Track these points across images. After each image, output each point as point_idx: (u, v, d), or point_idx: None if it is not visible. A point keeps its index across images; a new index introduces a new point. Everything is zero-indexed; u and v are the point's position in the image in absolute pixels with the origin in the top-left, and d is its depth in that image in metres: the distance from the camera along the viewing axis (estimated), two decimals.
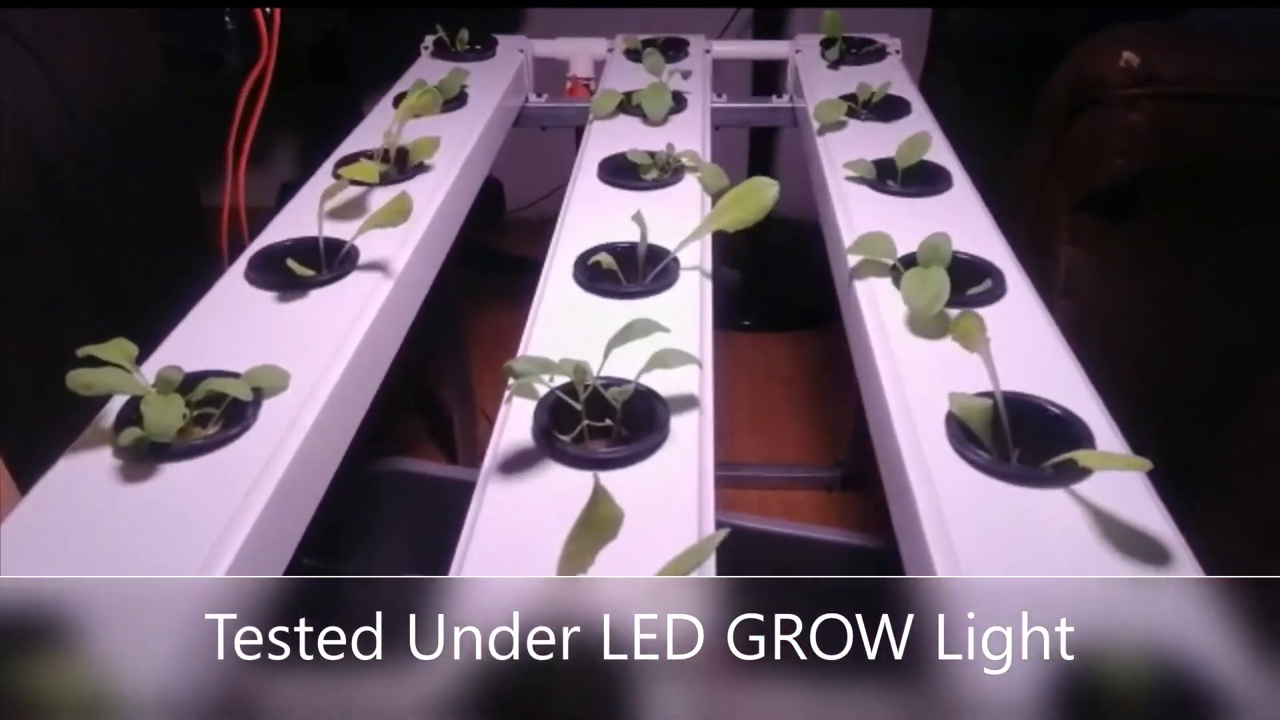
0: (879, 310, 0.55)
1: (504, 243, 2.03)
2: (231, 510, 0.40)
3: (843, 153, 0.76)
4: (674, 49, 1.03)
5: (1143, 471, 0.41)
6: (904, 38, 1.07)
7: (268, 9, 1.23)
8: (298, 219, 0.64)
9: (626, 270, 0.59)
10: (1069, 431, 0.44)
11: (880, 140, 0.79)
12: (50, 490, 0.42)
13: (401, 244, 0.62)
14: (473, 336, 1.41)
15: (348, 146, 0.77)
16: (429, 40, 1.05)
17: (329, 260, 0.58)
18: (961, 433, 0.44)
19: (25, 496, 0.41)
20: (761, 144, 1.79)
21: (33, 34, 0.79)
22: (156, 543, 0.39)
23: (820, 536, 1.02)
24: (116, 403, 0.47)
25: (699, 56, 1.03)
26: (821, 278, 0.69)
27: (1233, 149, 0.91)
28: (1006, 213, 0.70)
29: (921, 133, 0.70)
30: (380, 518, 1.06)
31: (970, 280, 0.57)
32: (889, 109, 0.84)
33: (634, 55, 1.01)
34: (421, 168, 0.73)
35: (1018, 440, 0.43)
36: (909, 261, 0.56)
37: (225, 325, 0.53)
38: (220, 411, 0.45)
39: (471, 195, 0.81)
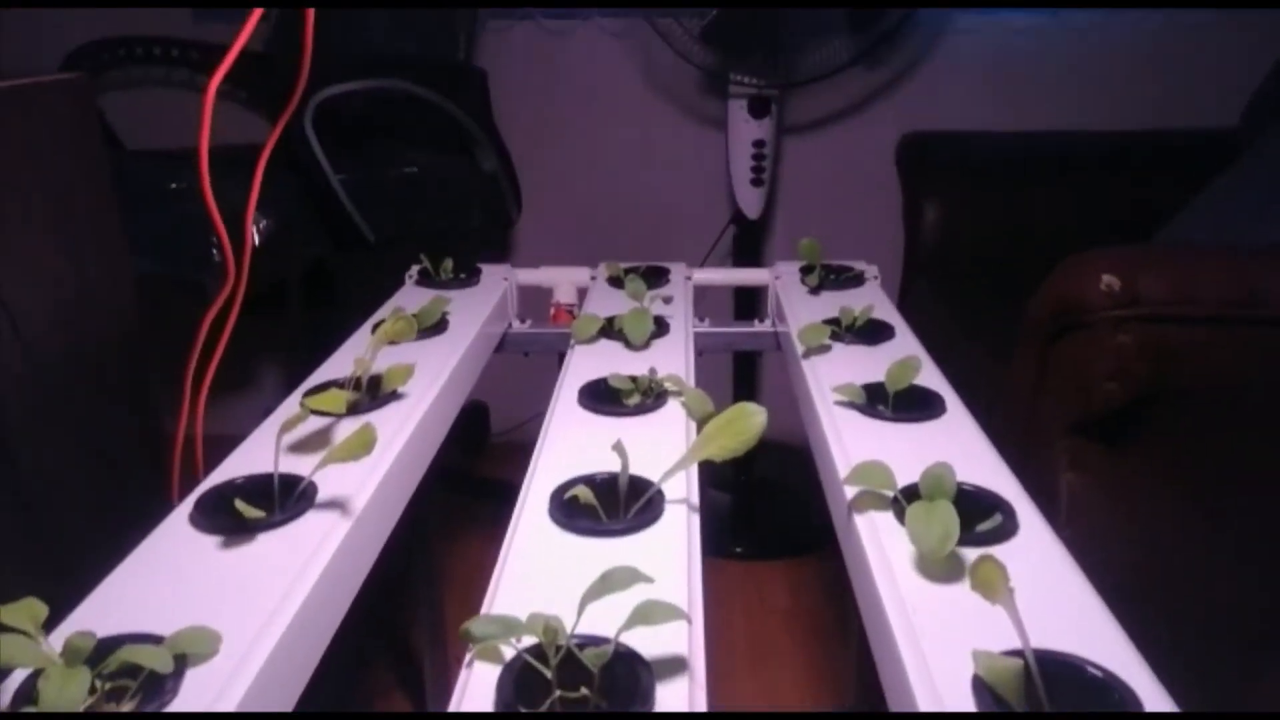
0: (883, 548, 0.50)
1: (489, 468, 1.99)
2: None
3: (829, 376, 0.74)
4: (656, 276, 1.03)
5: None
6: (879, 260, 1.09)
7: (257, 239, 1.25)
8: (256, 454, 0.60)
9: (607, 504, 0.54)
10: (1113, 697, 0.38)
11: (866, 363, 0.77)
12: None
13: (365, 479, 0.57)
14: (449, 571, 1.33)
15: (319, 375, 0.75)
16: (414, 269, 1.05)
17: (283, 499, 0.54)
18: (991, 698, 0.38)
19: None
20: (745, 368, 1.80)
21: None
22: None
23: None
24: (20, 674, 0.40)
25: (680, 284, 1.03)
26: (815, 501, 0.64)
27: (1225, 369, 0.89)
28: (997, 437, 0.67)
29: (911, 356, 0.69)
30: None
31: (977, 515, 0.53)
32: (873, 332, 0.83)
33: (616, 282, 1.01)
34: (394, 395, 0.70)
35: (1054, 705, 0.38)
36: (910, 493, 0.52)
37: (160, 576, 0.48)
38: (137, 684, 0.39)
39: (448, 422, 0.77)
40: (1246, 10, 1.77)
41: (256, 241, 1.24)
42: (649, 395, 0.70)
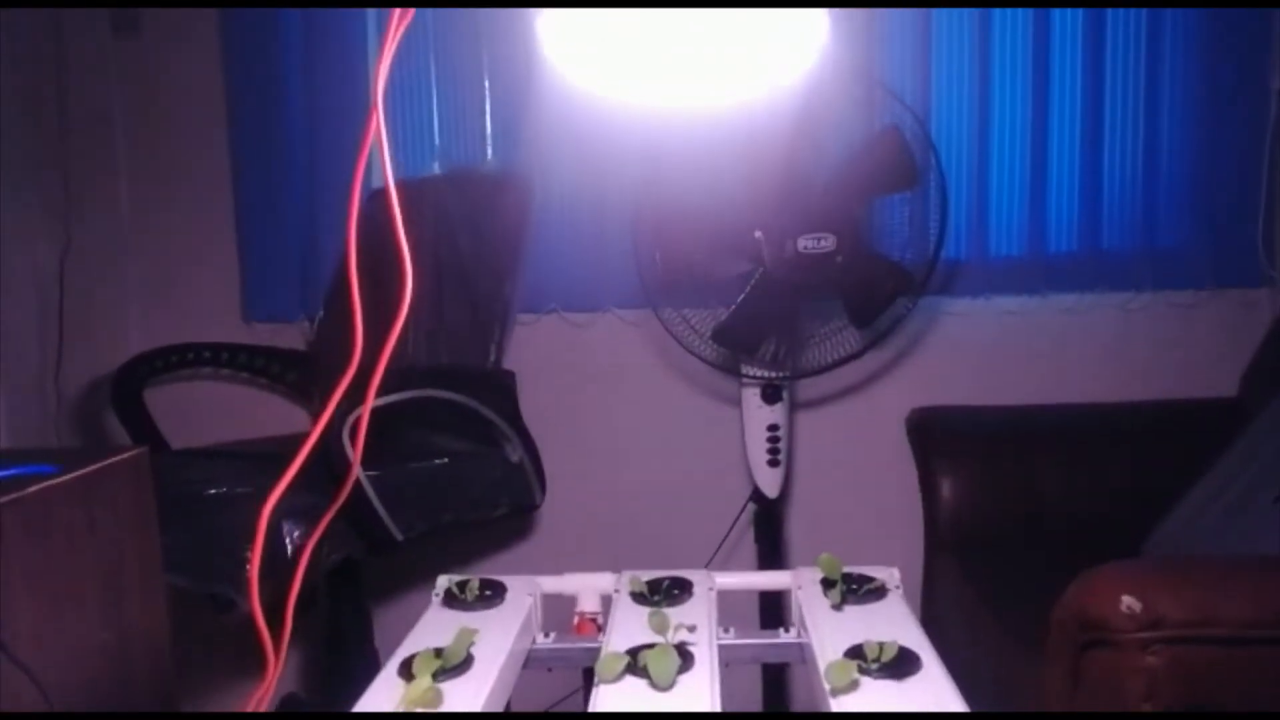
0: None
1: None
2: None
3: None
4: (679, 589, 1.05)
5: None
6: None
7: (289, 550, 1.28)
8: None
9: None
10: None
11: (896, 703, 0.77)
12: None
13: None
14: None
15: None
16: (439, 588, 1.07)
17: None
18: None
19: None
20: (774, 671, 1.76)
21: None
22: None
23: None
24: None
25: (704, 595, 1.05)
26: None
27: (1258, 687, 0.88)
28: None
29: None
30: None
31: None
32: (900, 665, 0.83)
33: (640, 598, 1.03)
34: None
35: None
36: None
37: None
38: None
39: None
40: (1232, 288, 1.87)
41: (289, 552, 1.27)
42: None
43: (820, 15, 0.75)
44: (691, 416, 1.97)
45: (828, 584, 1.02)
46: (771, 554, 1.73)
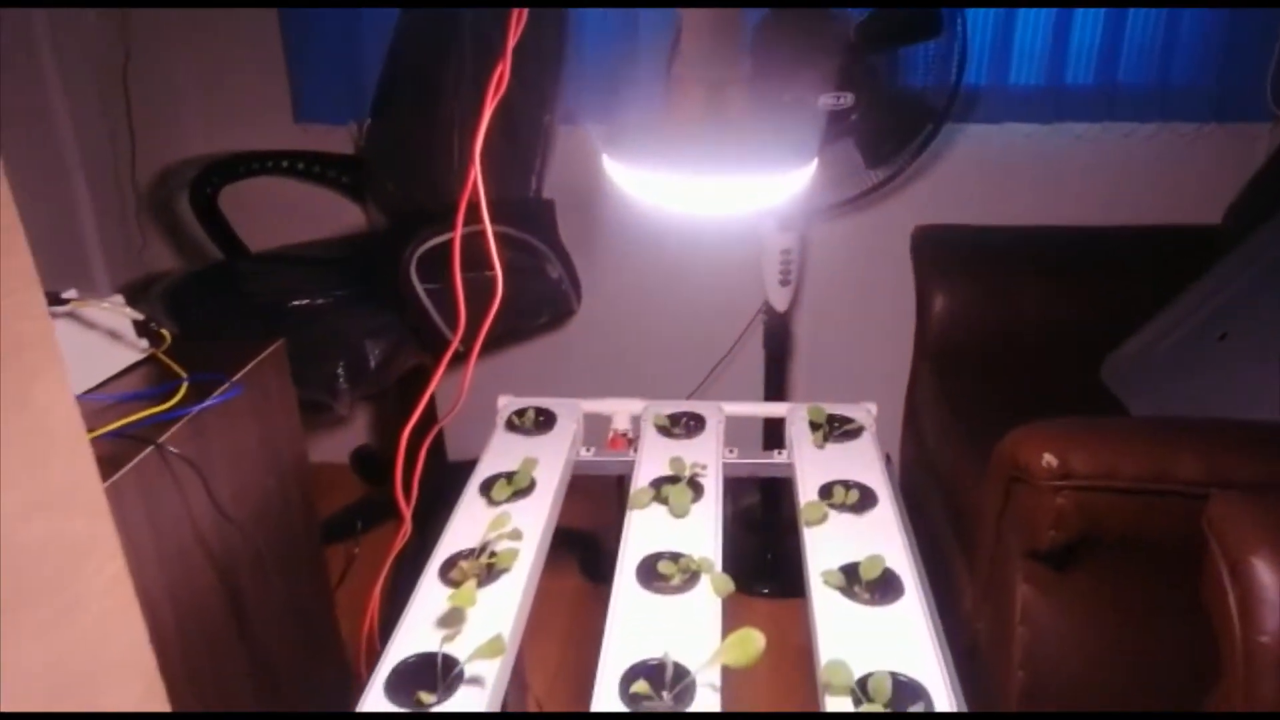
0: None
1: None
2: None
3: (824, 551, 0.99)
4: (694, 422, 1.29)
5: None
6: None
7: (373, 364, 1.53)
8: (415, 633, 0.88)
9: (657, 684, 0.81)
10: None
11: (852, 532, 1.03)
12: None
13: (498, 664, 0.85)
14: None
15: (445, 547, 1.02)
16: (501, 410, 1.31)
17: (445, 675, 0.81)
18: None
19: None
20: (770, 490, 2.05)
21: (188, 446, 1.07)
22: None
23: None
24: None
25: (714, 427, 1.29)
26: None
27: (1142, 527, 1.14)
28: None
29: (878, 555, 0.94)
30: None
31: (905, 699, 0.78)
32: (861, 504, 1.08)
33: (663, 430, 1.27)
34: (504, 571, 0.97)
35: None
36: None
37: None
38: None
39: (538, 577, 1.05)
40: (1236, 122, 1.95)
41: (371, 365, 1.52)
42: (686, 573, 0.96)
43: None
44: (713, 237, 2.14)
45: (814, 426, 1.26)
46: (778, 362, 1.97)
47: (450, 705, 0.80)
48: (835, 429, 1.26)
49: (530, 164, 1.69)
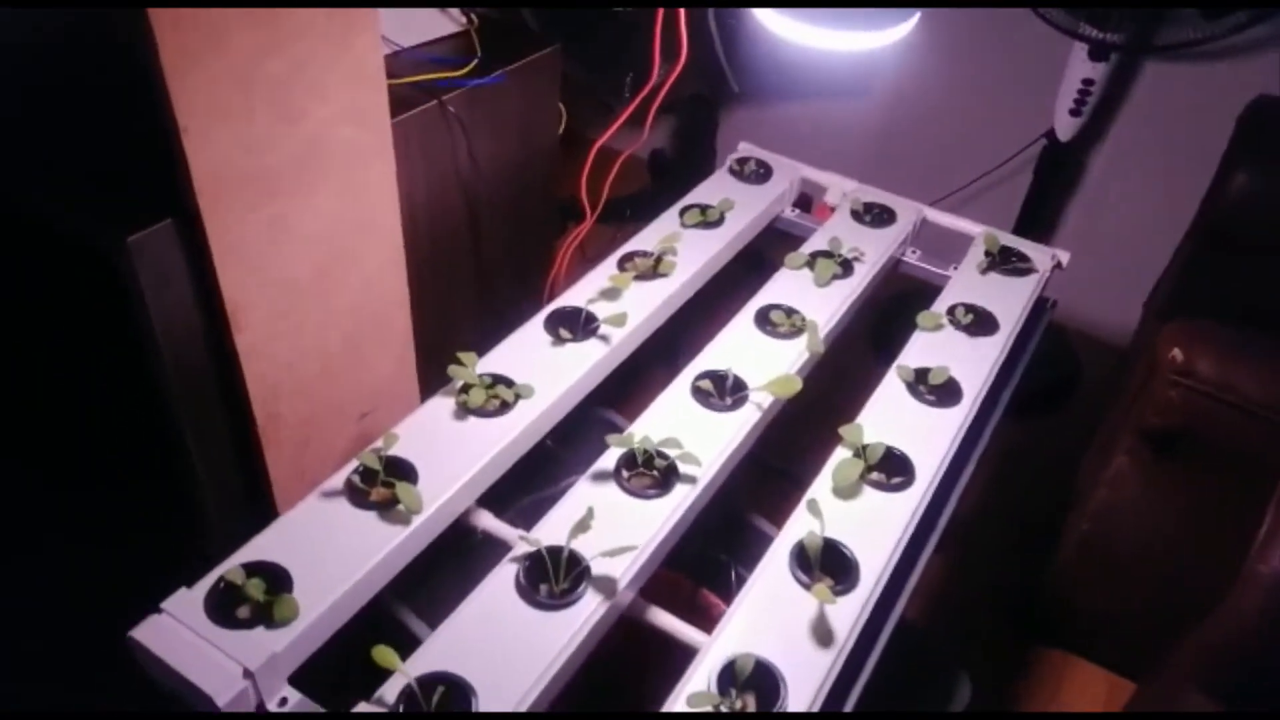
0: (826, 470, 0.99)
1: None
2: None
3: (918, 350, 1.16)
4: (887, 214, 1.42)
5: None
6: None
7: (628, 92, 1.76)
8: (574, 293, 1.18)
9: (719, 389, 1.06)
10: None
11: (954, 349, 1.17)
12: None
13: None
14: None
15: (637, 242, 1.29)
16: (730, 158, 1.51)
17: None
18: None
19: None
20: None
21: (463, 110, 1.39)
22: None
23: None
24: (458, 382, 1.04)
25: (904, 224, 1.41)
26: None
27: (1244, 445, 1.17)
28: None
29: (945, 366, 1.09)
30: None
31: (891, 469, 0.98)
32: (978, 324, 1.21)
33: (857, 216, 1.42)
34: (663, 275, 1.23)
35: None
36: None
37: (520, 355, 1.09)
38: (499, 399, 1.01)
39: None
40: None
41: (627, 94, 1.75)
42: (793, 326, 1.17)
43: None
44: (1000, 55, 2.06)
45: (988, 255, 1.35)
46: (1044, 195, 1.95)
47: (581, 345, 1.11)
48: (1005, 261, 1.35)
49: None
